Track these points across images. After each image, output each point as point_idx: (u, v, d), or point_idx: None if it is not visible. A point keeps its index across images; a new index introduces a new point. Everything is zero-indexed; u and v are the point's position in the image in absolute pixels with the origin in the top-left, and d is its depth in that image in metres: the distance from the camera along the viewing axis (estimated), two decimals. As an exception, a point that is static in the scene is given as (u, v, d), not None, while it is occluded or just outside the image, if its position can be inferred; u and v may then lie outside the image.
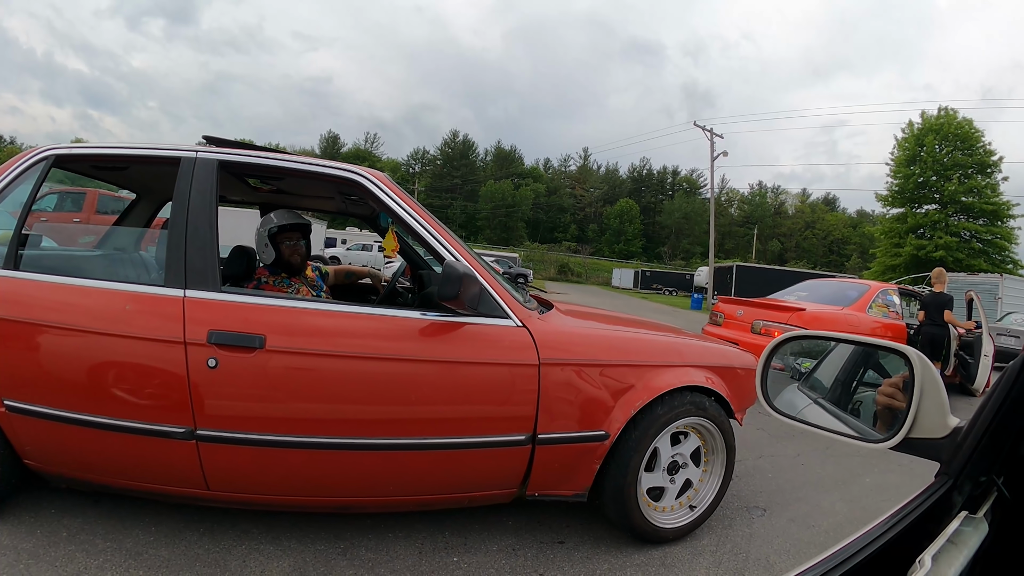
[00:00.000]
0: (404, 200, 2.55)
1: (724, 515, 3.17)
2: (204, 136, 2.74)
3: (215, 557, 2.37)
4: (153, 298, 2.25)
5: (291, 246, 3.08)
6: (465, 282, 2.22)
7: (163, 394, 2.19)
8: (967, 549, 0.78)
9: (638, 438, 2.58)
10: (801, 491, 3.76)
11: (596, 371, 2.54)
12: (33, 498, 2.63)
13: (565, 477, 2.58)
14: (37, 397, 2.24)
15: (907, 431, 1.00)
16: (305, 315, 2.34)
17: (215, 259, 2.33)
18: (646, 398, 2.57)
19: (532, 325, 2.47)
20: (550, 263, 62.20)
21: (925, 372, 1.01)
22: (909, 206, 35.44)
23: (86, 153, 2.73)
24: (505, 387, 2.41)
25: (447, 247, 2.50)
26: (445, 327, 2.36)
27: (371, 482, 2.41)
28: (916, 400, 1.00)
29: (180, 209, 2.36)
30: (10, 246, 2.38)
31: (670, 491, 2.84)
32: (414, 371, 2.31)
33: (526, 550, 2.65)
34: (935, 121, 34.59)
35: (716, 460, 2.96)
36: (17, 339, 2.24)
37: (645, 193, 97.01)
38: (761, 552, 2.84)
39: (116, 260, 3.29)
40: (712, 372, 2.88)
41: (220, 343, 2.16)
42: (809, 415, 1.32)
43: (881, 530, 0.84)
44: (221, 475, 2.29)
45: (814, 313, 6.64)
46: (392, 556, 2.50)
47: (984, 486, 0.92)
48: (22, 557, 2.23)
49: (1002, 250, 33.14)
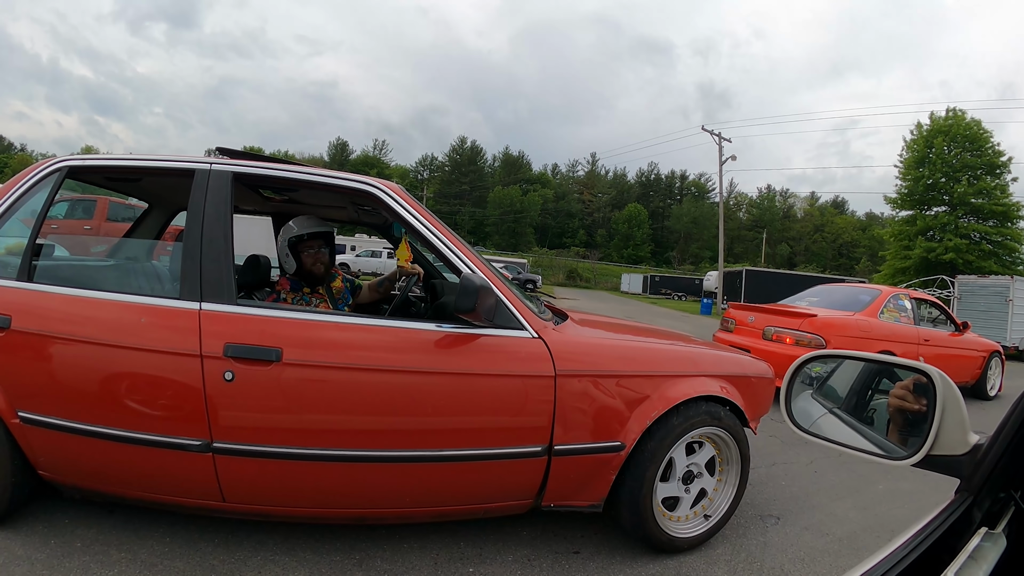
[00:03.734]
0: (418, 211, 2.55)
1: (738, 524, 3.15)
2: (218, 148, 2.76)
3: (230, 568, 2.37)
4: (169, 311, 2.26)
5: (313, 255, 3.07)
6: (482, 295, 2.22)
7: (179, 407, 2.19)
8: (987, 564, 0.78)
9: (654, 448, 2.57)
10: (815, 499, 3.73)
11: (612, 382, 2.53)
12: (47, 508, 2.64)
13: (581, 488, 2.57)
14: (51, 409, 2.24)
15: (929, 448, 1.00)
16: (321, 328, 2.34)
17: (231, 272, 2.33)
18: (662, 408, 2.56)
19: (547, 336, 2.47)
20: (559, 268, 62.21)
21: (947, 391, 1.01)
22: (918, 208, 35.31)
23: (100, 165, 2.75)
24: (521, 399, 2.40)
25: (462, 258, 2.50)
26: (461, 339, 2.36)
27: (387, 494, 2.41)
28: (938, 418, 1.00)
29: (195, 221, 2.37)
30: (24, 257, 2.40)
31: (685, 501, 2.82)
32: (430, 383, 2.31)
33: (541, 560, 2.64)
34: (944, 122, 34.48)
35: (731, 469, 2.94)
36: (31, 351, 2.26)
37: (653, 198, 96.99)
38: (776, 561, 2.82)
39: (129, 271, 3.30)
40: (726, 381, 2.86)
41: (236, 356, 2.17)
42: (827, 427, 1.31)
43: (906, 550, 0.84)
44: (237, 487, 2.29)
45: (826, 319, 6.58)
46: (407, 567, 2.49)
47: (1003, 502, 0.93)
48: (36, 568, 2.24)
49: (1012, 252, 32.95)
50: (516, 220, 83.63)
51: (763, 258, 76.19)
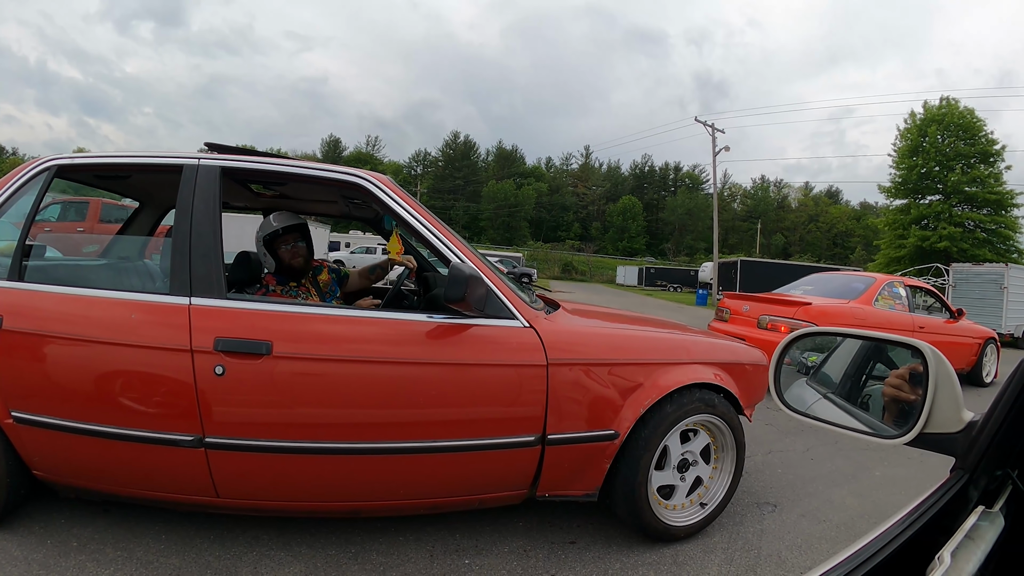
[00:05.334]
0: (407, 202, 2.54)
1: (735, 512, 3.16)
2: (206, 143, 2.73)
3: (226, 564, 2.37)
4: (159, 307, 2.25)
5: (290, 249, 3.03)
6: (471, 284, 2.21)
7: (171, 403, 2.19)
8: (984, 544, 0.77)
9: (648, 437, 2.57)
10: (811, 486, 3.74)
11: (604, 370, 2.52)
12: (43, 508, 2.63)
13: (575, 477, 2.57)
14: (44, 408, 2.24)
15: (922, 426, 0.99)
16: (311, 321, 2.33)
17: (220, 266, 2.32)
18: (655, 396, 2.56)
19: (539, 325, 2.46)
20: (554, 262, 62.12)
21: (939, 366, 0.99)
22: (912, 197, 35.41)
23: (88, 163, 2.73)
24: (513, 388, 2.40)
25: (452, 248, 2.49)
26: (452, 329, 2.35)
27: (381, 486, 2.41)
28: (931, 395, 0.98)
29: (184, 217, 2.36)
30: (14, 257, 2.38)
31: (680, 489, 2.83)
32: (422, 374, 2.30)
33: (537, 551, 2.64)
34: (937, 111, 34.57)
35: (726, 457, 2.94)
36: (23, 350, 2.25)
37: (648, 190, 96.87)
38: (773, 548, 2.82)
39: (120, 269, 3.29)
40: (720, 369, 2.86)
41: (227, 350, 2.16)
42: (820, 410, 1.30)
43: (900, 528, 0.83)
44: (231, 482, 2.29)
45: (820, 307, 6.59)
46: (403, 559, 2.49)
47: (1000, 480, 0.91)
48: (33, 568, 2.23)
49: (1006, 239, 33.07)
50: (511, 214, 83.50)
51: (758, 248, 76.35)
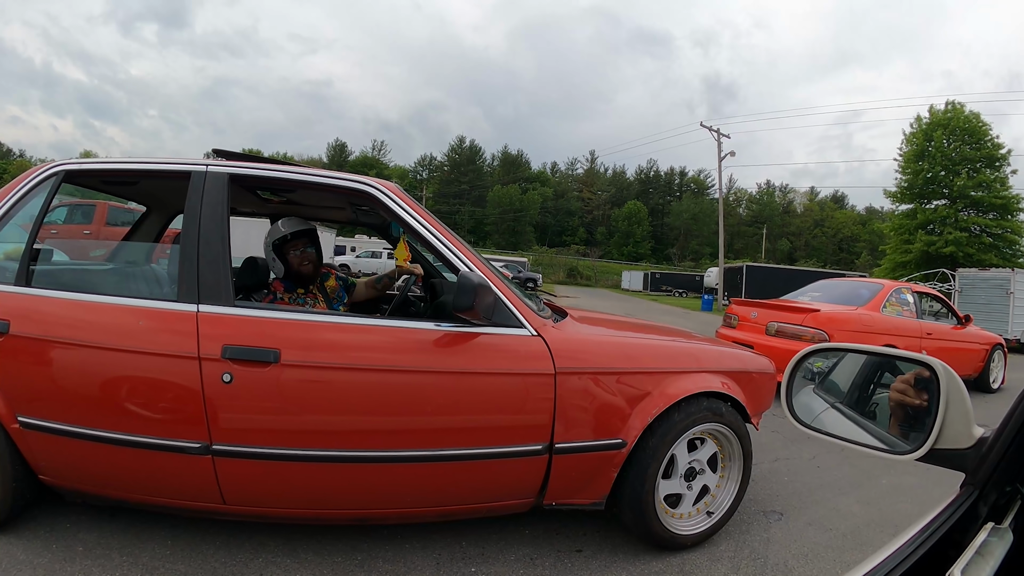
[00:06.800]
0: (415, 210, 2.54)
1: (741, 520, 3.14)
2: (214, 149, 2.74)
3: (232, 571, 2.37)
4: (167, 313, 2.25)
5: (299, 255, 3.05)
6: (480, 292, 2.21)
7: (178, 409, 2.19)
8: (994, 559, 0.77)
9: (655, 445, 2.56)
10: (817, 494, 3.73)
11: (612, 379, 2.52)
12: (49, 513, 2.64)
13: (583, 486, 2.56)
14: (51, 413, 2.24)
15: (933, 442, 0.98)
16: (320, 328, 2.34)
17: (228, 273, 2.32)
18: (663, 405, 2.55)
19: (547, 334, 2.46)
20: (559, 267, 62.05)
21: (950, 383, 0.99)
22: (918, 202, 35.26)
23: (96, 168, 2.75)
24: (521, 397, 2.39)
25: (460, 257, 2.49)
26: (460, 338, 2.35)
27: (388, 494, 2.41)
28: (942, 411, 0.98)
29: (191, 224, 2.36)
30: (22, 262, 2.39)
31: (687, 498, 2.81)
32: (429, 382, 2.30)
33: (544, 559, 2.63)
34: (943, 116, 34.48)
35: (733, 466, 2.93)
36: (30, 355, 2.25)
37: (653, 195, 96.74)
38: (779, 557, 2.81)
39: (128, 274, 3.30)
40: (728, 377, 2.85)
41: (235, 358, 2.16)
42: (829, 422, 1.30)
43: (913, 546, 0.83)
44: (237, 489, 2.29)
45: (828, 314, 6.58)
46: (410, 567, 2.49)
47: (1009, 496, 0.91)
48: (38, 572, 2.24)
49: (1013, 244, 32.89)
50: (516, 219, 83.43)
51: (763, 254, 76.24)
